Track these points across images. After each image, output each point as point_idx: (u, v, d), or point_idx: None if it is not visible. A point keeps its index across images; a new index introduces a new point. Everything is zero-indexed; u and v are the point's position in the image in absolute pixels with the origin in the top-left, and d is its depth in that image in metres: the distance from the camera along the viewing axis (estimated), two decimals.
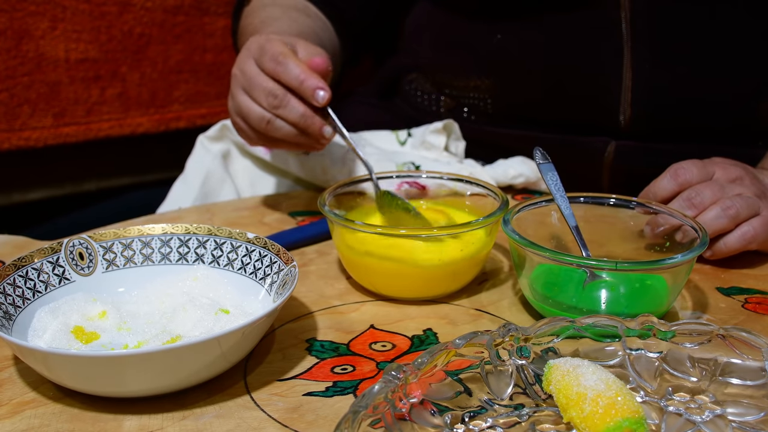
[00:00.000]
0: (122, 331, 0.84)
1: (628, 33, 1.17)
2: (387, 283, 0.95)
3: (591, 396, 0.67)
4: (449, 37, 1.35)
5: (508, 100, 1.30)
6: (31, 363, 0.76)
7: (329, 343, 0.86)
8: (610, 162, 1.23)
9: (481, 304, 0.95)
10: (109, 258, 0.92)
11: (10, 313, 0.82)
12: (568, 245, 0.97)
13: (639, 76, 1.18)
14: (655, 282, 0.89)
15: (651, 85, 1.19)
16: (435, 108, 1.39)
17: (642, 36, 1.17)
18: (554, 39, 1.23)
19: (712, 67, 1.18)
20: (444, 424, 0.69)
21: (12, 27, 1.59)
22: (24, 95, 1.64)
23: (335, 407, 0.75)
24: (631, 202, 0.97)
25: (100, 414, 0.74)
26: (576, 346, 0.76)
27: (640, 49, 1.17)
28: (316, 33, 1.28)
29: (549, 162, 0.96)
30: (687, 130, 1.21)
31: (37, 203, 1.76)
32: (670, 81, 1.18)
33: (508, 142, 1.30)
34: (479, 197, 1.03)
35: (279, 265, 0.87)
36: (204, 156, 1.33)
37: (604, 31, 1.18)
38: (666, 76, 1.18)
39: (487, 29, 1.28)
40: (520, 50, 1.26)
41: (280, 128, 1.04)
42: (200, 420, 0.74)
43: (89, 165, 1.79)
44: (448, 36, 1.36)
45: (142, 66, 1.75)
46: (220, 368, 0.78)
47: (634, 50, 1.17)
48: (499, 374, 0.73)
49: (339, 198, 1.02)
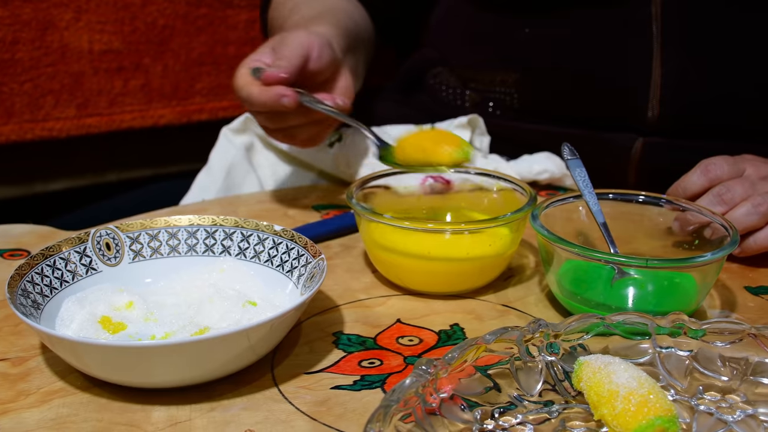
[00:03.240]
0: (149, 321, 0.84)
1: (659, 30, 1.16)
2: (414, 278, 0.95)
3: (623, 393, 0.66)
4: (476, 31, 1.35)
5: (534, 94, 1.30)
6: (60, 352, 0.76)
7: (356, 336, 0.86)
8: (636, 159, 1.23)
9: (507, 299, 0.94)
10: (136, 249, 0.92)
11: (38, 302, 0.82)
12: (595, 242, 0.96)
13: (668, 73, 1.17)
14: (683, 280, 0.89)
15: (680, 82, 1.18)
16: (460, 102, 1.38)
17: (672, 33, 1.16)
18: (583, 34, 1.22)
19: (741, 65, 1.18)
20: (474, 420, 0.68)
21: (36, 18, 1.60)
22: (48, 86, 1.64)
23: (363, 401, 0.75)
24: (661, 200, 0.97)
25: (128, 404, 0.74)
26: (605, 344, 0.75)
27: (669, 47, 1.17)
28: (344, 9, 1.30)
29: (577, 158, 0.96)
30: (715, 127, 1.20)
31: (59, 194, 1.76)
32: (699, 78, 1.18)
33: (533, 138, 1.29)
34: (506, 192, 1.02)
35: (306, 258, 0.87)
36: (228, 148, 1.32)
37: (635, 28, 1.18)
38: (695, 73, 1.18)
39: (515, 23, 1.27)
40: (549, 45, 1.25)
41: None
42: (228, 412, 0.73)
43: (111, 156, 1.80)
44: (474, 30, 1.35)
45: (164, 58, 1.75)
46: (248, 360, 0.77)
47: (664, 47, 1.16)
48: (529, 370, 0.73)
49: (366, 192, 1.01)
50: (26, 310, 0.78)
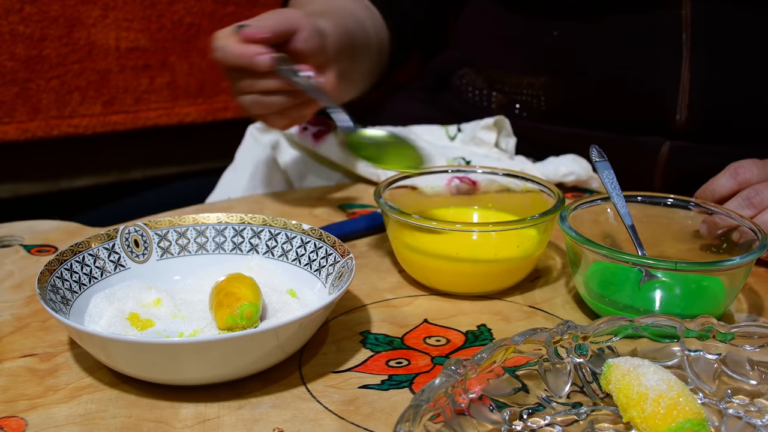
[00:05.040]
0: (177, 319, 0.85)
1: (688, 35, 1.16)
2: (441, 278, 0.94)
3: (652, 396, 0.66)
4: (503, 33, 1.35)
5: (562, 97, 1.29)
6: (89, 348, 0.76)
7: (383, 336, 0.86)
8: (663, 162, 1.22)
9: (534, 301, 0.94)
10: (164, 246, 0.93)
11: (68, 298, 0.82)
12: (622, 244, 0.96)
13: (696, 78, 1.17)
14: (711, 284, 0.88)
15: (708, 87, 1.17)
16: (486, 104, 1.38)
17: (701, 38, 1.16)
18: (612, 38, 1.22)
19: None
20: (503, 420, 0.68)
21: (64, 15, 1.61)
22: (74, 83, 1.65)
23: (391, 400, 0.75)
24: (689, 203, 0.96)
25: (157, 401, 0.75)
26: (634, 346, 0.75)
27: (699, 52, 1.16)
28: (354, 14, 1.28)
29: (605, 160, 0.95)
30: (743, 131, 1.19)
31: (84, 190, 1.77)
32: (727, 84, 1.17)
33: (559, 140, 1.29)
34: (533, 194, 1.02)
35: (335, 257, 0.87)
36: (254, 146, 1.33)
37: (664, 33, 1.17)
38: (724, 78, 1.17)
39: (544, 27, 1.27)
40: (577, 48, 1.25)
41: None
42: (257, 410, 0.74)
43: (136, 153, 1.80)
44: (502, 32, 1.35)
45: (191, 56, 1.75)
46: (277, 359, 0.78)
47: (693, 52, 1.16)
48: (557, 372, 0.73)
49: (393, 192, 1.01)
50: (55, 306, 0.78)
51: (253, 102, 1.10)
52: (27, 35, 1.59)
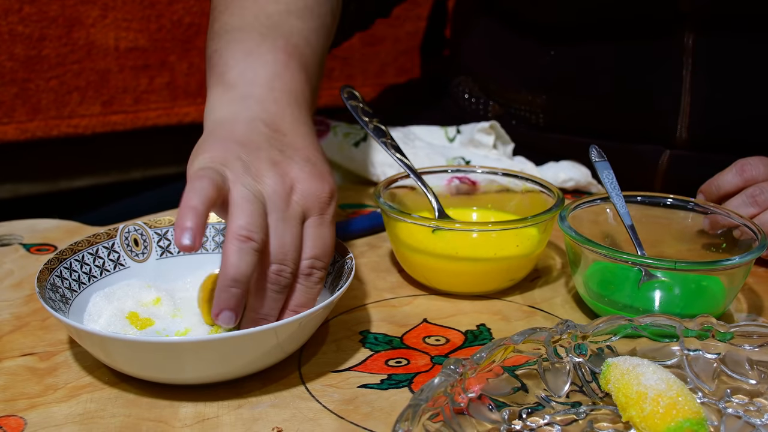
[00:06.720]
0: (176, 318, 0.85)
1: (690, 61, 1.14)
2: (440, 278, 0.94)
3: (652, 395, 0.66)
4: (501, 50, 1.34)
5: (560, 115, 1.28)
6: (88, 347, 0.76)
7: (383, 335, 0.86)
8: (663, 170, 1.21)
9: (534, 300, 0.94)
10: (164, 245, 0.92)
11: (67, 297, 0.82)
12: (621, 244, 0.96)
13: (697, 100, 1.15)
14: (711, 283, 0.88)
15: (709, 108, 1.16)
16: (482, 113, 1.37)
17: (703, 63, 1.14)
18: (611, 60, 1.20)
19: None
20: (502, 420, 0.68)
21: (63, 15, 1.61)
22: (74, 83, 1.65)
23: (390, 400, 0.75)
24: (688, 203, 0.96)
25: (156, 400, 0.75)
26: (633, 345, 0.75)
27: (700, 75, 1.15)
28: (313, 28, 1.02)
29: (605, 160, 0.95)
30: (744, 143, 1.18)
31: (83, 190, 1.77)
32: (729, 105, 1.16)
33: (558, 147, 1.28)
34: (532, 194, 1.02)
35: (334, 257, 0.87)
36: None
37: (665, 58, 1.16)
38: (725, 101, 1.15)
39: (545, 48, 1.25)
40: (575, 69, 1.24)
41: None
42: (256, 409, 0.74)
43: (136, 153, 1.80)
44: (499, 49, 1.34)
45: (190, 56, 1.75)
46: (276, 358, 0.78)
47: (694, 75, 1.14)
48: (557, 371, 0.73)
49: (393, 191, 1.01)
50: (55, 305, 0.78)
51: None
52: (26, 35, 1.59)
